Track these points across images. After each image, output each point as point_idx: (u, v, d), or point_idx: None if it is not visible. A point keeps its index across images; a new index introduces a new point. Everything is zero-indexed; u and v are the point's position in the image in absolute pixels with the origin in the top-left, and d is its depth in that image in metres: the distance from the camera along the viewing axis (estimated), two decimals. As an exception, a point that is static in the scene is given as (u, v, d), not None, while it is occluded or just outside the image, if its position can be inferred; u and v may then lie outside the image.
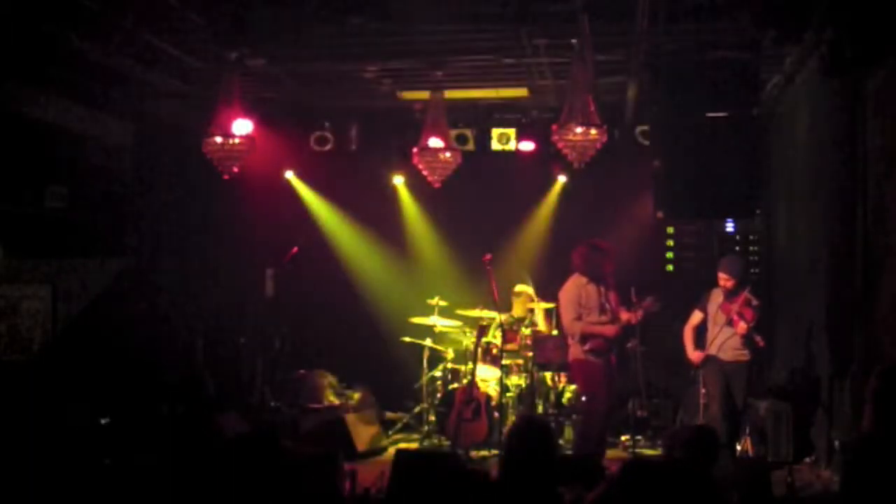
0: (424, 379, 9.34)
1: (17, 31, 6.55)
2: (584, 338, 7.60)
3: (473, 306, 9.21)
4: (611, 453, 8.07)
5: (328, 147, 10.15)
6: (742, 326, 7.75)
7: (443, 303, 9.33)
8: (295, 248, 9.52)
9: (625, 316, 7.64)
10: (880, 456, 3.98)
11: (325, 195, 10.96)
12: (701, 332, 8.12)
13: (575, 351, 7.67)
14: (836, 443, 6.81)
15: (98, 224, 8.49)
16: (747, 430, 7.74)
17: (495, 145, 9.89)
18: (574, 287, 7.71)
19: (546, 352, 8.41)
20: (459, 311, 9.35)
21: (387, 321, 10.21)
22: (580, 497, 4.10)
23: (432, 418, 9.09)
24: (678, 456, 4.29)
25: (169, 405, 6.82)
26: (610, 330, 7.60)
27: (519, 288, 9.50)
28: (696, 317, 8.15)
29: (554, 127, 6.73)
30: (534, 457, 3.83)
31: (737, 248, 9.52)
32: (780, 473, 6.15)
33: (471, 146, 9.80)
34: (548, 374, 8.85)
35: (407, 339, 9.53)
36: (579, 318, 7.61)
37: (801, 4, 6.29)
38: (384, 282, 10.77)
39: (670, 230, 10.12)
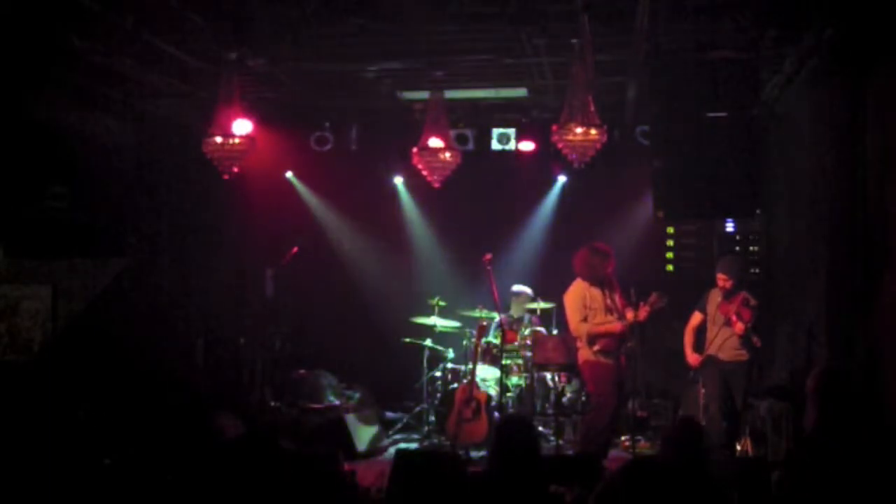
0: (424, 379, 9.34)
1: (18, 31, 6.55)
2: (593, 339, 7.58)
3: (473, 306, 9.21)
4: (611, 453, 8.05)
5: (328, 147, 10.14)
6: (739, 326, 7.75)
7: (442, 303, 9.34)
8: (295, 248, 9.51)
9: (630, 315, 7.63)
10: (822, 455, 4.01)
11: (325, 195, 10.96)
12: (701, 333, 8.12)
13: (585, 353, 7.65)
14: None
15: (98, 224, 8.48)
16: (747, 430, 7.74)
17: (495, 145, 9.88)
18: (578, 290, 7.71)
19: (546, 352, 8.40)
20: (459, 311, 9.35)
21: (387, 321, 10.18)
22: (580, 497, 4.10)
23: (432, 418, 9.09)
24: (668, 454, 4.28)
25: (169, 404, 6.82)
26: (617, 326, 7.59)
27: (517, 288, 9.52)
28: (696, 318, 8.16)
29: (554, 127, 6.73)
30: (518, 454, 3.84)
31: (737, 248, 9.49)
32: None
33: (471, 146, 9.80)
34: (548, 374, 8.85)
35: (407, 339, 9.53)
36: (585, 319, 7.60)
37: (801, 4, 6.30)
38: (384, 282, 10.76)
39: (670, 230, 10.09)
